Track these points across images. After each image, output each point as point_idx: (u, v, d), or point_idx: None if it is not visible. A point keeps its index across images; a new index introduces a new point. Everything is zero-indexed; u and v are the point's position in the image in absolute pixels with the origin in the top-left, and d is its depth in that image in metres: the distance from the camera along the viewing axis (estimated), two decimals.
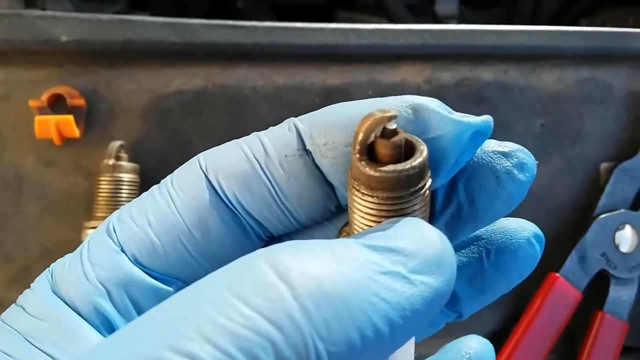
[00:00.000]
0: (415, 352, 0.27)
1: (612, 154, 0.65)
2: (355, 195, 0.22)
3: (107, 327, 0.25)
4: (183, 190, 0.25)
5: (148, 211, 0.25)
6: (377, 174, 0.21)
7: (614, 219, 0.63)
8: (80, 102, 0.56)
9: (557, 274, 0.61)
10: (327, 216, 0.26)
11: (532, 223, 0.28)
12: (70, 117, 0.54)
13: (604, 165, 0.65)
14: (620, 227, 0.63)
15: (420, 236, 0.20)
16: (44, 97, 0.54)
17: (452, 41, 0.60)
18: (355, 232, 0.23)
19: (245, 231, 0.25)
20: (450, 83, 0.62)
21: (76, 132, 0.55)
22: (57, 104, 0.55)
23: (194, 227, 0.25)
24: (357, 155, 0.22)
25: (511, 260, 0.27)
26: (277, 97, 0.60)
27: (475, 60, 0.63)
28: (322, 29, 0.58)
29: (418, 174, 0.22)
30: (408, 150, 0.22)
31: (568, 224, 0.64)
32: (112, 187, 0.54)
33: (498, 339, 0.62)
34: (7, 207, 0.57)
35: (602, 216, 0.63)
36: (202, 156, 0.26)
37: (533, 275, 0.61)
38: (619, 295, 0.63)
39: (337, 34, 0.58)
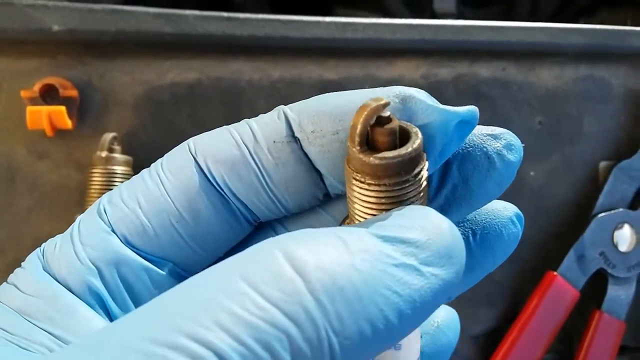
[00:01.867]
0: None
1: (611, 153, 0.64)
2: (360, 187, 0.22)
3: (100, 306, 0.24)
4: (173, 174, 0.25)
5: (138, 193, 0.25)
6: (383, 161, 0.22)
7: (612, 218, 0.62)
8: (73, 93, 0.55)
9: (555, 273, 0.61)
10: (315, 204, 0.26)
11: (511, 204, 0.29)
12: (63, 108, 0.53)
13: (602, 164, 0.64)
14: (619, 226, 0.62)
15: (431, 226, 0.21)
16: (36, 87, 0.54)
17: (450, 37, 0.60)
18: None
19: (235, 215, 0.26)
20: (447, 79, 0.62)
21: (68, 124, 0.54)
22: (49, 95, 0.54)
23: (184, 210, 0.25)
24: (358, 147, 0.22)
25: (497, 239, 0.28)
26: (273, 91, 0.59)
27: (472, 56, 0.62)
28: (318, 22, 0.58)
29: (419, 156, 0.22)
30: (401, 136, 0.22)
31: (566, 223, 0.64)
32: (104, 179, 0.53)
33: (495, 337, 0.62)
34: None
35: (600, 215, 0.62)
36: (192, 141, 0.26)
37: (531, 273, 0.61)
38: (617, 295, 0.62)
39: (333, 27, 0.58)
